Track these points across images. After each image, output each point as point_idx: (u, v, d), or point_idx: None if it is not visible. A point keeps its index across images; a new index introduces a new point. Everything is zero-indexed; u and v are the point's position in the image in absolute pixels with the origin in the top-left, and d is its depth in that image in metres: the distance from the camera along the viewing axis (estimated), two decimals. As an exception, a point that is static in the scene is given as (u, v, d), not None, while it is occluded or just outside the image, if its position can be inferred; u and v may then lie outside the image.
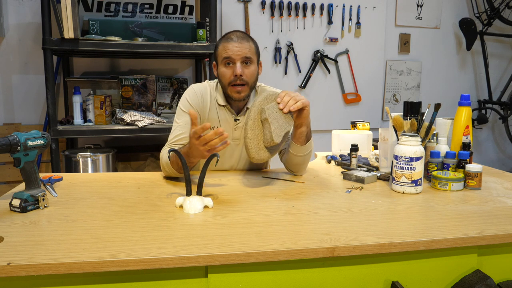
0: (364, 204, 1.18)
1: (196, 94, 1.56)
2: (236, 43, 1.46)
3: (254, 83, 1.53)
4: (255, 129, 1.29)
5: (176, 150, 1.18)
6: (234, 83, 1.47)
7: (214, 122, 1.57)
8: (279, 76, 3.29)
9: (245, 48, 1.46)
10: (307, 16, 3.27)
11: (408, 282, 0.96)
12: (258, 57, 1.54)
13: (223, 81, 1.50)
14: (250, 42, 1.50)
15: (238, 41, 1.46)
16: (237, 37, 1.48)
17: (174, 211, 1.10)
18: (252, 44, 1.51)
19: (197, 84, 1.61)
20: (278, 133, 1.28)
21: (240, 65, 1.46)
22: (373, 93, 3.56)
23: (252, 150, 1.28)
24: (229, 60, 1.47)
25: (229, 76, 1.47)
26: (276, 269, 0.90)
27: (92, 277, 0.83)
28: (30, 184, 1.12)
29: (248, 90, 1.50)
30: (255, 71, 1.51)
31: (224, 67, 1.49)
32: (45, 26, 2.28)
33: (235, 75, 1.45)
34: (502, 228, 1.00)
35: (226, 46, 1.47)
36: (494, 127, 4.04)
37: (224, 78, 1.49)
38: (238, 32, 1.51)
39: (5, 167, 2.76)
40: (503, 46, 3.90)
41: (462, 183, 1.35)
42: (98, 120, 2.56)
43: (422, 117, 1.44)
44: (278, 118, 1.29)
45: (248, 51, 1.47)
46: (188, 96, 1.55)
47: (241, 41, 1.47)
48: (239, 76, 1.45)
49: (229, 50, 1.45)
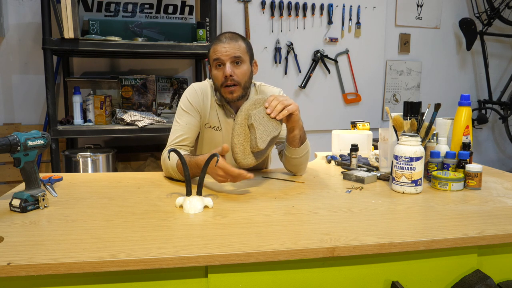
0: (364, 204, 1.18)
1: (197, 92, 1.56)
2: (225, 44, 1.46)
3: (247, 82, 1.51)
4: (241, 134, 1.29)
5: (176, 150, 1.17)
6: (226, 84, 1.47)
7: (214, 122, 1.57)
8: (279, 76, 3.29)
9: (233, 48, 1.45)
10: (307, 16, 3.27)
11: (408, 282, 0.96)
12: (250, 56, 1.53)
13: (216, 83, 1.51)
14: (239, 42, 1.48)
15: (226, 42, 1.46)
16: (225, 38, 1.47)
17: (174, 211, 1.10)
18: (242, 43, 1.49)
19: (198, 83, 1.61)
20: (263, 139, 1.28)
21: (230, 66, 1.45)
22: (373, 93, 3.56)
23: (239, 155, 1.28)
24: (219, 61, 1.47)
25: (221, 77, 1.47)
26: (276, 269, 0.90)
27: (92, 277, 0.83)
28: (30, 184, 1.12)
29: (241, 90, 1.49)
30: (247, 71, 1.50)
31: (216, 69, 1.49)
32: (45, 26, 2.28)
33: (225, 76, 1.45)
34: (502, 228, 1.00)
35: (215, 48, 1.47)
36: (494, 127, 4.04)
37: (217, 80, 1.49)
38: (227, 33, 1.51)
39: (5, 167, 2.76)
40: (503, 46, 3.90)
41: (462, 183, 1.35)
42: (98, 120, 2.56)
43: (422, 117, 1.44)
44: (264, 124, 1.29)
45: (238, 50, 1.46)
46: (188, 95, 1.55)
47: (229, 42, 1.46)
48: (229, 76, 1.45)
49: (218, 52, 1.46)
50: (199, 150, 1.63)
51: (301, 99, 3.38)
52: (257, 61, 1.61)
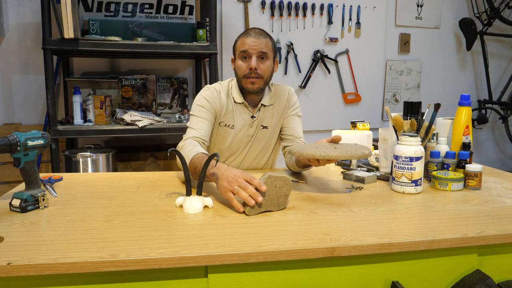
0: (364, 204, 1.18)
1: (212, 91, 1.59)
2: (254, 38, 1.51)
3: (269, 78, 1.57)
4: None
5: (176, 150, 1.17)
6: (249, 76, 1.52)
7: (230, 120, 1.60)
8: (279, 76, 3.29)
9: (261, 43, 1.51)
10: (307, 16, 3.27)
11: (408, 282, 0.96)
12: (274, 54, 1.59)
13: (239, 74, 1.55)
14: (267, 39, 1.54)
15: (255, 37, 1.52)
16: (255, 33, 1.53)
17: (174, 211, 1.10)
18: (269, 41, 1.55)
19: (213, 84, 1.65)
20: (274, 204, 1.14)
21: (256, 59, 1.51)
22: (373, 93, 3.56)
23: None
24: (246, 54, 1.52)
25: (245, 69, 1.53)
26: (276, 269, 0.90)
27: (92, 277, 0.83)
28: (30, 184, 1.12)
29: (262, 83, 1.55)
30: (270, 67, 1.56)
31: (241, 60, 1.54)
32: (45, 26, 2.28)
33: (250, 68, 1.51)
34: (502, 228, 1.00)
35: (244, 40, 1.52)
36: (494, 127, 4.04)
37: (240, 71, 1.54)
38: (257, 28, 1.56)
39: (5, 167, 2.76)
40: (503, 46, 3.90)
41: (462, 183, 1.35)
42: (98, 120, 2.56)
43: (422, 117, 1.44)
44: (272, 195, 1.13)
45: (265, 46, 1.52)
46: (204, 94, 1.59)
47: (259, 37, 1.52)
48: (253, 69, 1.50)
49: (246, 45, 1.51)
50: (210, 147, 1.65)
51: (301, 99, 3.37)
52: (278, 60, 1.64)
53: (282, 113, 1.66)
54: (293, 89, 1.71)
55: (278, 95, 1.65)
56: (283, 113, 1.66)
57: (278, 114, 1.65)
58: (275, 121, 1.65)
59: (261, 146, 1.65)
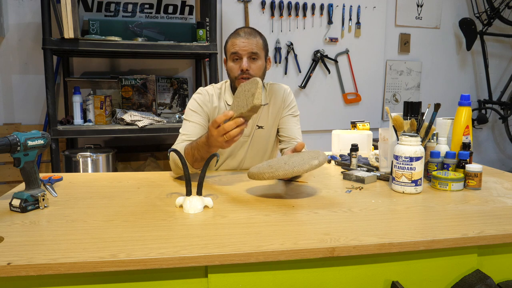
0: (364, 204, 1.18)
1: (204, 94, 1.60)
2: (243, 39, 1.51)
3: (261, 77, 1.57)
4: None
5: (176, 150, 1.17)
6: (242, 77, 1.52)
7: None
8: (279, 76, 3.29)
9: (251, 43, 1.51)
10: (307, 16, 3.27)
11: (408, 282, 0.96)
12: (266, 52, 1.59)
13: (231, 75, 1.56)
14: (257, 38, 1.54)
15: (245, 37, 1.51)
16: (244, 32, 1.52)
17: (174, 211, 1.10)
18: (260, 39, 1.55)
19: (206, 87, 1.66)
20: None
21: (247, 60, 1.51)
22: (373, 93, 3.56)
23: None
24: (237, 55, 1.52)
25: (236, 70, 1.53)
26: (276, 269, 0.90)
27: (92, 277, 0.83)
28: (30, 184, 1.12)
29: None
30: (262, 66, 1.56)
31: (232, 62, 1.54)
32: (45, 26, 2.28)
33: (241, 69, 1.51)
34: (502, 228, 1.00)
35: (234, 41, 1.52)
36: (494, 127, 4.04)
37: (232, 72, 1.55)
38: (246, 28, 1.56)
39: (5, 167, 2.76)
40: (503, 46, 3.90)
41: (462, 183, 1.35)
42: (98, 120, 2.56)
43: (422, 117, 1.44)
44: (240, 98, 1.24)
45: (255, 46, 1.51)
46: (197, 98, 1.60)
47: (248, 37, 1.51)
48: (245, 70, 1.50)
49: (236, 46, 1.51)
50: None
51: (301, 99, 3.38)
52: (270, 57, 1.66)
53: (278, 113, 1.66)
54: (290, 89, 1.71)
55: (274, 94, 1.65)
56: (279, 113, 1.66)
57: (274, 114, 1.65)
58: (271, 121, 1.65)
59: (258, 147, 1.66)
